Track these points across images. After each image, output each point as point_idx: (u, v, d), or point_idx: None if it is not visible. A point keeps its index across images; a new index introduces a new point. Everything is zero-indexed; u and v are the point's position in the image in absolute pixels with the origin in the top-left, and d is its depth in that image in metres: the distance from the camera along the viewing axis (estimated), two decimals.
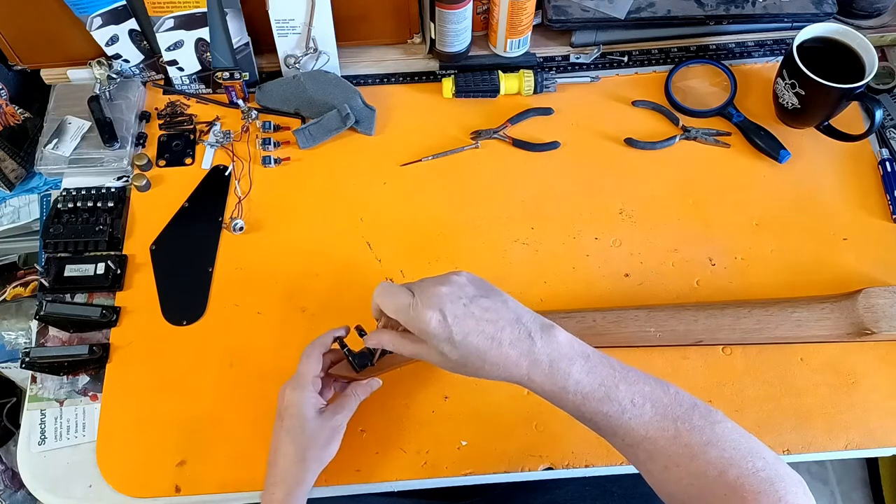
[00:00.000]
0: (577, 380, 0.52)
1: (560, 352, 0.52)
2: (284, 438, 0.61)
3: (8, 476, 1.13)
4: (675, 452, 0.50)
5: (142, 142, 0.85)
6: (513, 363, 0.52)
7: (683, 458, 0.50)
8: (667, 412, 0.51)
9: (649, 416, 0.51)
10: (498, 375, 0.53)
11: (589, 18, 0.86)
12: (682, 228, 0.80)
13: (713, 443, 0.50)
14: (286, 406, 0.61)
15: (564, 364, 0.52)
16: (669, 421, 0.51)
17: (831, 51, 0.79)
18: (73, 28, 0.80)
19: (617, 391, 0.52)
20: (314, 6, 0.80)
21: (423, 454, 0.69)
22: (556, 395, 0.52)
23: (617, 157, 0.84)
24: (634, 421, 0.51)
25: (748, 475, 0.49)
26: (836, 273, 0.77)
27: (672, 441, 0.50)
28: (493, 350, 0.52)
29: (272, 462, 0.62)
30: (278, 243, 0.79)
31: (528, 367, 0.52)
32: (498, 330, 0.52)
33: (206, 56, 0.84)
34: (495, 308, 0.53)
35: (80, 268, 0.76)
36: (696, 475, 0.50)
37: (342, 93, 0.84)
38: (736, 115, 0.85)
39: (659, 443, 0.51)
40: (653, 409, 0.51)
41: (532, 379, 0.52)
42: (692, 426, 0.51)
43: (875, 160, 0.83)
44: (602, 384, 0.52)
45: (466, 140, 0.85)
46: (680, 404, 0.52)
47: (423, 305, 0.52)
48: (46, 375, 0.73)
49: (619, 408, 0.51)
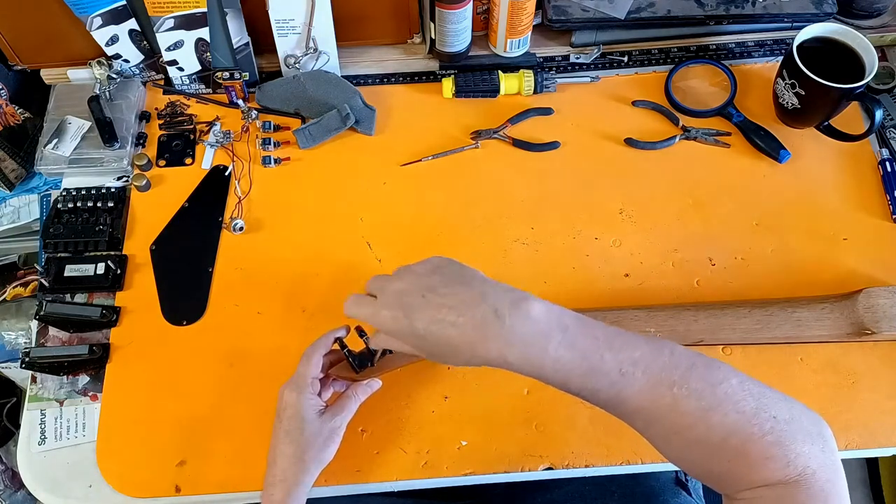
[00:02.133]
0: (555, 357, 0.47)
1: (534, 328, 0.48)
2: (284, 439, 0.61)
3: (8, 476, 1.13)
4: (674, 421, 0.47)
5: (142, 142, 0.85)
6: (482, 347, 0.48)
7: (683, 427, 0.47)
8: (661, 378, 0.47)
9: (641, 384, 0.47)
10: (475, 361, 0.50)
11: (589, 18, 0.86)
12: (682, 228, 0.80)
13: (714, 407, 0.46)
14: (285, 407, 0.61)
15: (539, 341, 0.48)
16: (665, 387, 0.47)
17: (831, 51, 0.79)
18: (74, 28, 0.80)
19: (602, 363, 0.47)
20: (314, 6, 0.80)
21: (423, 454, 0.69)
22: (537, 375, 0.49)
23: (617, 157, 0.84)
24: (625, 392, 0.47)
25: (754, 440, 0.46)
26: (836, 273, 0.77)
27: (670, 409, 0.47)
28: (457, 336, 0.49)
29: (271, 462, 0.62)
30: (278, 243, 0.79)
31: (501, 349, 0.48)
32: (458, 315, 0.49)
33: (206, 56, 0.84)
34: (455, 293, 0.50)
35: (80, 268, 0.76)
36: (698, 442, 0.47)
37: (342, 93, 0.84)
38: (736, 115, 0.85)
39: (656, 412, 0.47)
40: (644, 376, 0.47)
41: (508, 361, 0.48)
42: (690, 391, 0.47)
43: (875, 160, 0.83)
44: (584, 357, 0.47)
45: (466, 140, 0.85)
46: (676, 367, 0.48)
47: (382, 306, 0.51)
48: (46, 375, 0.73)
49: (606, 381, 0.47)
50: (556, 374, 0.48)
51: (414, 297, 0.51)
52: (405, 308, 0.50)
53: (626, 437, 0.69)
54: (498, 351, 0.48)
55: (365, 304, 0.53)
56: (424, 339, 0.50)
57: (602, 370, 0.47)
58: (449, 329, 0.49)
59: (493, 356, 0.49)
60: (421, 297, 0.50)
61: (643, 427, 0.50)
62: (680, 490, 0.79)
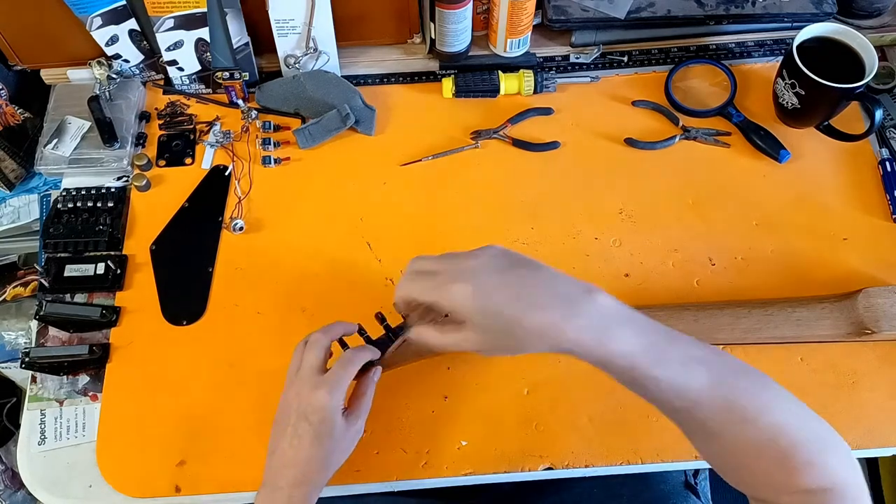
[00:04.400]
0: (625, 343, 0.48)
1: (606, 314, 0.49)
2: (313, 442, 0.57)
3: (8, 476, 1.13)
4: (727, 419, 0.48)
5: (142, 142, 0.85)
6: (555, 328, 0.48)
7: (735, 424, 0.48)
8: (719, 376, 0.48)
9: (701, 380, 0.48)
10: (541, 345, 0.49)
11: (589, 18, 0.86)
12: (682, 228, 0.80)
13: (765, 408, 0.48)
14: (317, 409, 0.57)
15: (612, 327, 0.48)
16: (721, 385, 0.48)
17: (831, 51, 0.79)
18: (73, 28, 0.80)
19: (666, 354, 0.48)
20: (314, 6, 0.80)
21: (423, 454, 0.69)
22: (604, 360, 0.49)
23: (617, 157, 0.84)
24: (686, 385, 0.48)
25: (801, 444, 0.47)
26: (836, 273, 0.77)
27: (724, 406, 0.48)
28: (529, 316, 0.48)
29: (290, 463, 0.58)
30: (278, 243, 0.79)
31: (574, 332, 0.48)
32: (535, 295, 0.48)
33: (206, 56, 0.84)
34: (531, 275, 0.50)
35: (80, 268, 0.76)
36: (747, 441, 0.48)
37: (342, 93, 0.84)
38: (736, 115, 0.85)
39: (710, 407, 0.48)
40: (705, 372, 0.48)
41: (579, 344, 0.48)
42: (743, 390, 0.48)
43: (875, 160, 0.83)
44: (651, 347, 0.48)
45: (466, 140, 0.85)
46: (730, 368, 0.49)
47: (451, 281, 0.49)
48: (46, 375, 0.73)
49: (669, 372, 0.48)
50: (623, 359, 0.48)
51: (491, 275, 0.49)
52: (481, 285, 0.48)
53: (626, 437, 0.69)
54: (571, 333, 0.48)
55: (425, 280, 0.51)
56: (493, 318, 0.48)
57: (666, 361, 0.48)
58: (523, 308, 0.48)
59: (565, 338, 0.48)
60: (499, 274, 0.49)
61: (694, 422, 0.50)
62: (689, 493, 0.79)
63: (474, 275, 0.49)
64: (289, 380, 0.61)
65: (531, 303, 0.48)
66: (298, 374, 0.60)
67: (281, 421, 0.60)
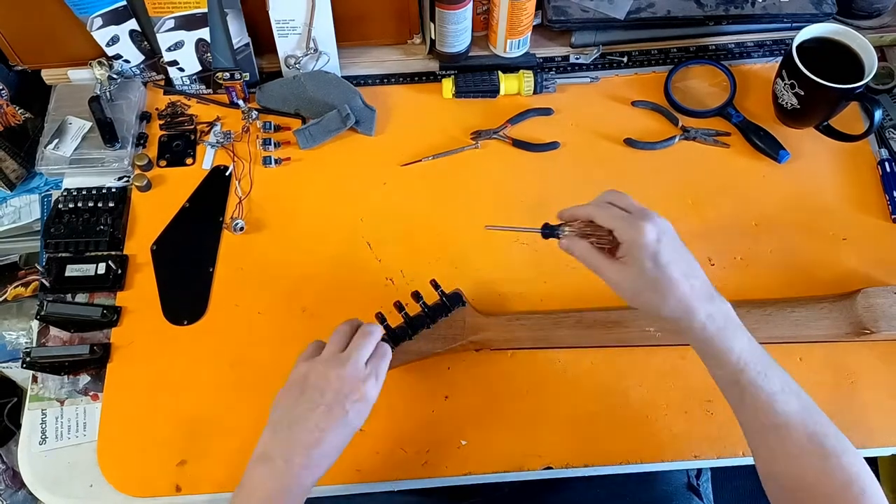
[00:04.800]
0: (742, 346, 0.54)
1: (731, 316, 0.56)
2: (342, 429, 0.57)
3: (9, 476, 1.13)
4: (808, 450, 0.52)
5: (142, 142, 0.85)
6: (694, 306, 0.54)
7: (815, 457, 0.52)
8: (809, 410, 0.54)
9: (795, 406, 0.53)
10: (674, 313, 0.55)
11: (589, 19, 0.86)
12: (681, 228, 0.78)
13: (847, 452, 0.52)
14: (361, 399, 0.57)
15: (734, 327, 0.55)
16: (810, 418, 0.53)
17: (831, 51, 0.79)
18: (74, 28, 0.81)
19: (772, 371, 0.54)
20: (314, 6, 0.80)
21: (423, 454, 0.69)
22: (720, 354, 0.54)
23: (617, 157, 0.84)
24: (780, 406, 0.53)
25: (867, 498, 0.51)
26: (836, 273, 0.77)
27: (807, 436, 0.52)
28: (682, 286, 0.54)
29: (314, 442, 0.56)
30: (279, 243, 0.79)
31: (706, 317, 0.54)
32: (693, 272, 0.56)
33: (207, 56, 0.84)
34: (692, 257, 0.57)
35: (81, 268, 0.76)
36: (822, 473, 0.52)
37: (342, 93, 0.84)
38: (735, 115, 0.85)
39: (795, 433, 0.53)
40: (798, 401, 0.54)
41: (705, 328, 0.54)
42: (829, 432, 0.53)
43: (874, 160, 0.83)
44: (762, 359, 0.55)
45: (466, 140, 0.85)
46: (818, 411, 0.54)
47: (644, 219, 0.56)
48: (47, 375, 0.73)
49: (771, 388, 0.53)
50: (738, 360, 0.54)
51: (669, 234, 0.57)
52: (663, 234, 0.56)
53: (625, 437, 0.69)
54: (704, 316, 0.55)
55: (618, 211, 0.57)
56: (658, 267, 0.55)
57: (771, 377, 0.54)
58: (681, 276, 0.55)
59: (698, 318, 0.55)
60: (676, 240, 0.57)
61: (776, 442, 0.54)
62: (692, 495, 0.79)
63: (659, 226, 0.56)
64: (328, 356, 0.59)
65: (688, 275, 0.55)
66: (346, 357, 0.58)
67: (310, 397, 0.57)
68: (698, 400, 0.71)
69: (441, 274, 0.77)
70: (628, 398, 0.71)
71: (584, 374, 0.72)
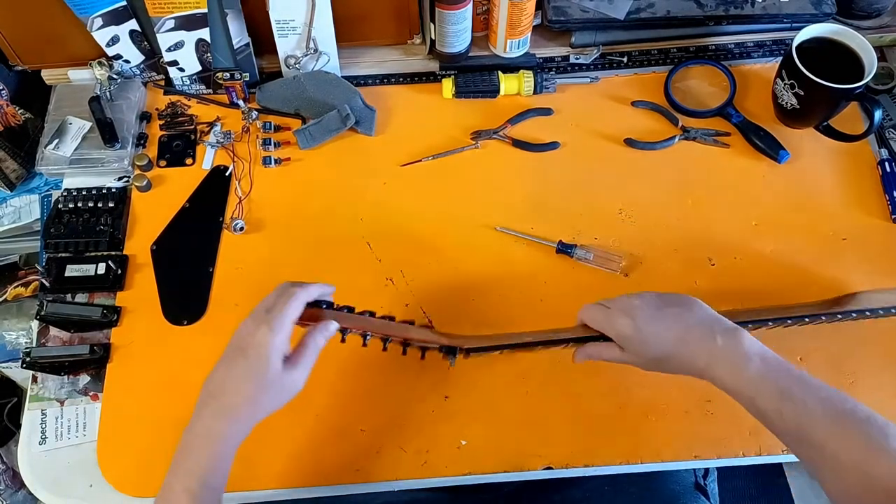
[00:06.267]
0: (752, 375, 0.56)
1: (739, 350, 0.57)
2: (244, 376, 0.57)
3: (9, 476, 1.13)
4: (845, 459, 0.51)
5: (142, 142, 0.85)
6: (695, 358, 0.58)
7: (851, 468, 0.51)
8: (840, 418, 0.53)
9: (821, 418, 0.53)
10: (681, 370, 0.60)
11: (588, 19, 0.86)
12: (681, 228, 0.80)
13: (884, 452, 0.51)
14: (257, 344, 0.57)
15: (742, 361, 0.57)
16: (842, 427, 0.52)
17: (830, 51, 0.79)
18: (74, 29, 0.81)
19: (791, 391, 0.55)
20: (314, 7, 0.80)
21: (423, 454, 0.69)
22: (733, 387, 0.57)
23: (617, 157, 0.84)
24: (806, 421, 0.53)
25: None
26: (836, 273, 0.77)
27: (841, 446, 0.52)
28: (678, 348, 0.59)
29: (219, 391, 0.57)
30: (279, 243, 0.79)
31: (708, 361, 0.58)
32: (685, 331, 0.59)
33: (207, 56, 0.84)
34: (682, 314, 0.61)
35: (81, 268, 0.76)
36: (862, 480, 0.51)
37: (342, 93, 0.84)
38: (735, 115, 0.85)
39: (829, 446, 0.52)
40: (825, 413, 0.53)
41: (712, 372, 0.58)
42: (866, 436, 0.52)
43: (874, 160, 0.83)
44: (777, 382, 0.55)
45: (466, 140, 0.85)
46: (855, 414, 0.53)
47: (618, 314, 0.61)
48: (47, 375, 0.73)
49: (791, 407, 0.54)
50: (749, 389, 0.56)
51: (647, 311, 0.61)
52: (639, 318, 0.60)
53: (625, 437, 0.69)
54: (706, 362, 0.58)
55: (601, 312, 0.63)
56: (647, 347, 0.60)
57: (790, 397, 0.54)
58: (672, 341, 0.59)
59: (700, 366, 0.58)
60: (655, 310, 0.61)
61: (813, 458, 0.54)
62: (699, 495, 0.79)
63: (634, 311, 0.61)
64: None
65: (681, 338, 0.59)
66: (252, 312, 0.60)
67: (223, 354, 0.60)
68: (698, 400, 0.71)
69: (441, 274, 0.77)
70: (628, 398, 0.71)
71: (584, 374, 0.72)
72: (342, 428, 0.69)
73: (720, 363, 0.57)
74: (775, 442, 0.68)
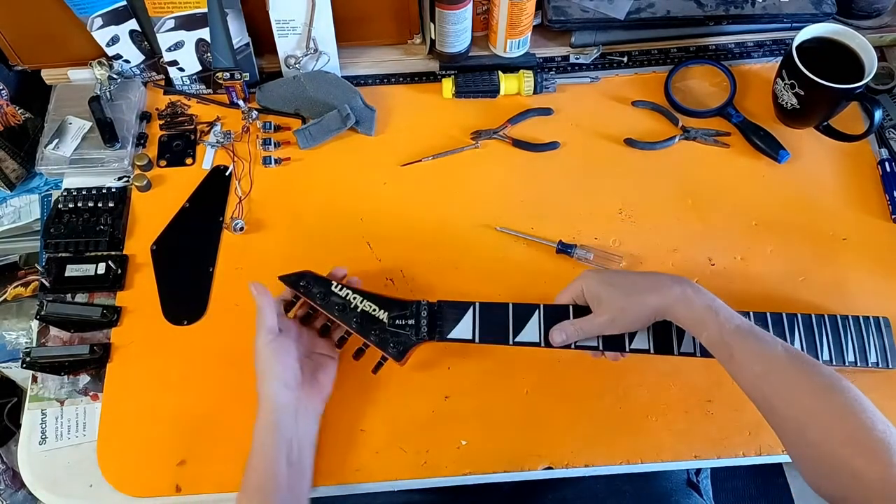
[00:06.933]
0: (721, 306, 0.61)
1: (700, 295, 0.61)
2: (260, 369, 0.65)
3: (9, 476, 1.13)
4: (801, 390, 0.55)
5: (142, 142, 0.85)
6: (666, 289, 0.61)
7: (806, 397, 0.54)
8: (800, 357, 0.57)
9: (782, 354, 0.57)
10: (641, 321, 0.63)
11: (588, 19, 0.86)
12: (681, 228, 0.80)
13: (837, 389, 0.54)
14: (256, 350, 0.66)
15: (702, 299, 0.61)
16: (800, 363, 0.56)
17: (831, 51, 0.79)
18: (74, 29, 0.81)
19: (753, 329, 0.59)
20: (314, 6, 0.80)
21: (423, 454, 0.69)
22: (702, 316, 0.60)
23: (617, 157, 0.84)
24: (768, 353, 0.57)
25: (866, 429, 0.52)
26: (836, 273, 0.77)
27: (798, 379, 0.55)
28: (626, 304, 0.62)
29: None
30: (279, 243, 0.79)
31: (669, 299, 0.61)
32: (632, 284, 0.63)
33: (207, 56, 0.84)
34: (633, 273, 0.69)
35: (81, 268, 0.76)
36: (816, 414, 0.54)
37: (342, 93, 0.84)
38: (735, 115, 0.85)
39: (787, 378, 0.55)
40: (786, 351, 0.57)
41: (673, 309, 0.61)
42: (819, 371, 0.55)
43: (874, 160, 0.83)
44: (742, 321, 0.59)
45: (466, 140, 0.85)
46: (808, 357, 0.57)
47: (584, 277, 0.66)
48: (47, 375, 0.73)
49: (755, 340, 0.58)
50: (718, 317, 0.59)
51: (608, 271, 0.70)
52: (603, 273, 0.66)
53: (625, 437, 0.69)
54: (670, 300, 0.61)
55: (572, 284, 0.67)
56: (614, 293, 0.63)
57: (752, 333, 0.58)
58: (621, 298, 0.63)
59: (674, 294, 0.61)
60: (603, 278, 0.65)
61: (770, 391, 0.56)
62: (691, 491, 0.79)
63: (598, 271, 0.66)
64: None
65: (630, 288, 0.63)
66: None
67: None
68: (698, 400, 0.71)
69: (441, 274, 0.77)
70: (628, 398, 0.71)
71: (584, 374, 0.72)
72: (342, 428, 0.69)
73: (680, 302, 0.61)
74: (775, 442, 0.69)
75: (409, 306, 0.67)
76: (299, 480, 0.63)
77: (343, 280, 0.70)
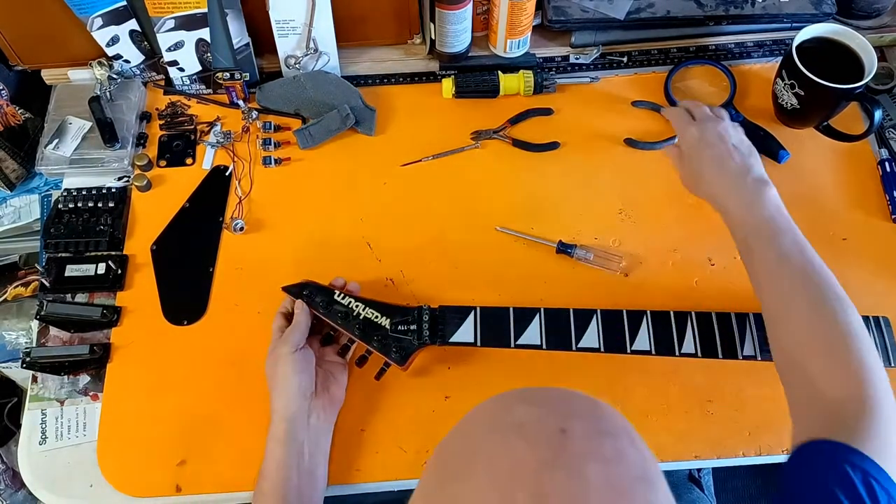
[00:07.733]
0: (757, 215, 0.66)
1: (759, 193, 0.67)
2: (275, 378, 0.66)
3: (9, 476, 1.13)
4: (808, 295, 0.60)
5: (142, 142, 0.85)
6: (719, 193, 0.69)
7: (807, 305, 0.59)
8: (817, 269, 0.61)
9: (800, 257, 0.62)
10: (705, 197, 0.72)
11: (588, 19, 0.86)
12: (681, 228, 0.80)
13: (843, 308, 0.58)
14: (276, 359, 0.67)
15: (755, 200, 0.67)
16: (812, 273, 0.61)
17: (830, 51, 0.79)
18: (74, 29, 0.81)
19: (791, 224, 0.65)
20: (314, 7, 0.80)
21: (423, 454, 0.69)
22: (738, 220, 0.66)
23: (617, 157, 0.84)
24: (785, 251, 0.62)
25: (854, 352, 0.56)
26: (836, 273, 0.77)
27: (805, 284, 0.60)
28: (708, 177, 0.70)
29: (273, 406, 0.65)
30: (279, 243, 0.79)
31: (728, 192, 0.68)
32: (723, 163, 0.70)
33: (207, 56, 0.84)
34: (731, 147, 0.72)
35: (81, 268, 0.76)
36: (814, 324, 0.58)
37: (342, 93, 0.84)
38: (735, 115, 0.85)
39: (797, 280, 0.61)
40: (801, 255, 0.62)
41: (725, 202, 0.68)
42: (830, 284, 0.60)
43: (874, 160, 0.83)
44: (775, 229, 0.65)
45: (466, 140, 0.85)
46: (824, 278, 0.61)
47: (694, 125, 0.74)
48: (47, 375, 0.73)
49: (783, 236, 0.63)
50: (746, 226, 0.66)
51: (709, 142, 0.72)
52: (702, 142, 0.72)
53: None
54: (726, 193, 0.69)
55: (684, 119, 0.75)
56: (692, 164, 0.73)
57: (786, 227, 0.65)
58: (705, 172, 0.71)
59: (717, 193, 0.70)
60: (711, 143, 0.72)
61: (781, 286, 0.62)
62: (693, 486, 0.79)
63: (705, 132, 0.72)
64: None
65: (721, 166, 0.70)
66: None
67: None
68: (698, 400, 0.71)
69: (441, 274, 0.77)
70: (628, 398, 0.71)
71: (584, 374, 0.72)
72: (342, 428, 0.69)
73: (735, 197, 0.67)
74: (775, 442, 0.69)
75: (411, 312, 0.67)
76: (311, 490, 0.63)
77: (343, 288, 0.70)
